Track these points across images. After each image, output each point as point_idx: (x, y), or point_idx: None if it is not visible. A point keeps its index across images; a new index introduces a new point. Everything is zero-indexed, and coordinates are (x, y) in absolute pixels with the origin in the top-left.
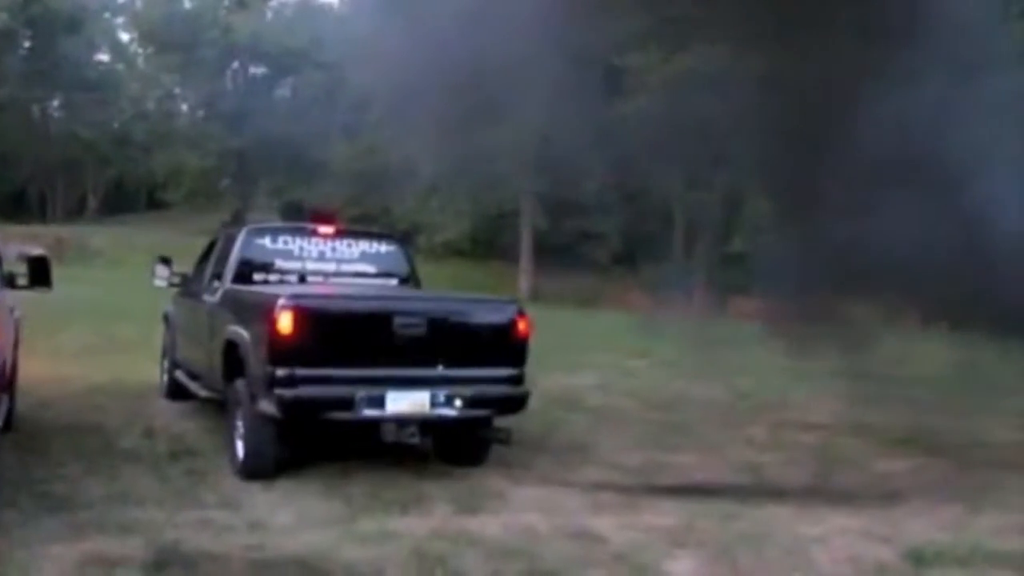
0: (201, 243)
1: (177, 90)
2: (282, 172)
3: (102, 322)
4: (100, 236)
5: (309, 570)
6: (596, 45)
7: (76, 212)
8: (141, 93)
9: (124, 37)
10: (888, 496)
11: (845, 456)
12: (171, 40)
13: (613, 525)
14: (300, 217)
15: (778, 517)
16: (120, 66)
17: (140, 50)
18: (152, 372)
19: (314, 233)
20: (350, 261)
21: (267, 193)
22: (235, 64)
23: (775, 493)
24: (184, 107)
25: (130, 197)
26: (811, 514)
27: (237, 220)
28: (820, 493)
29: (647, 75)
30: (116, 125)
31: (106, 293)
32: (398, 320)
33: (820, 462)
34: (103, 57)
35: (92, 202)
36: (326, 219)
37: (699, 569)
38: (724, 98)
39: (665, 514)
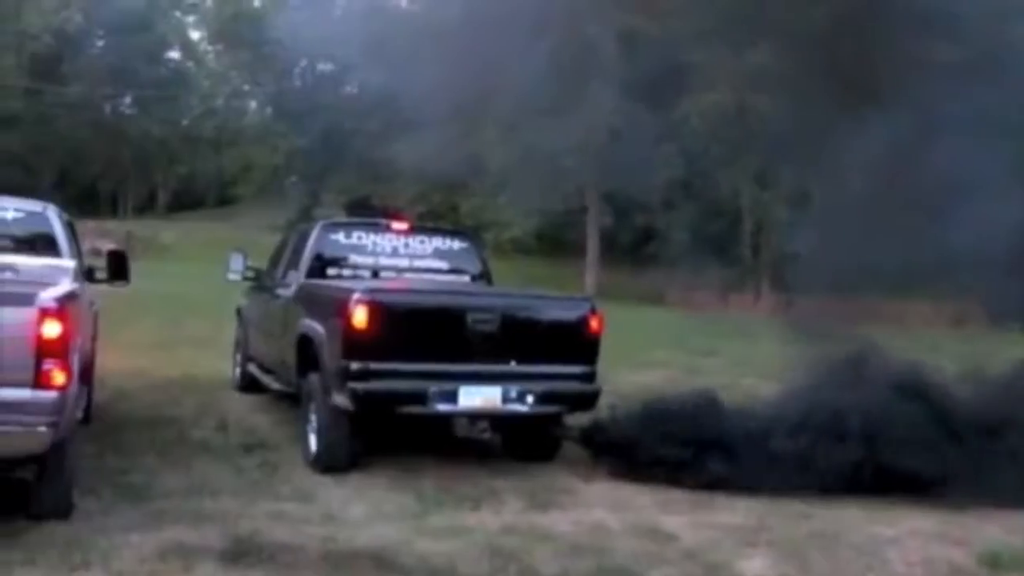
0: (269, 239)
1: (246, 87)
2: (349, 169)
3: (173, 316)
4: (169, 231)
5: (383, 563)
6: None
7: (147, 207)
8: (210, 91)
9: (194, 35)
10: (961, 499)
11: None
12: (240, 38)
13: (684, 523)
14: (367, 214)
15: (850, 517)
16: (190, 64)
17: (209, 48)
18: (223, 366)
19: (388, 229)
20: (423, 257)
21: (334, 190)
22: (303, 62)
23: (847, 493)
24: (253, 104)
25: (199, 193)
26: (884, 515)
27: (304, 217)
28: (892, 493)
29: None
30: (186, 122)
31: (176, 287)
32: (471, 316)
33: None
34: (173, 55)
35: (162, 198)
36: (399, 217)
37: (771, 568)
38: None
39: (736, 513)
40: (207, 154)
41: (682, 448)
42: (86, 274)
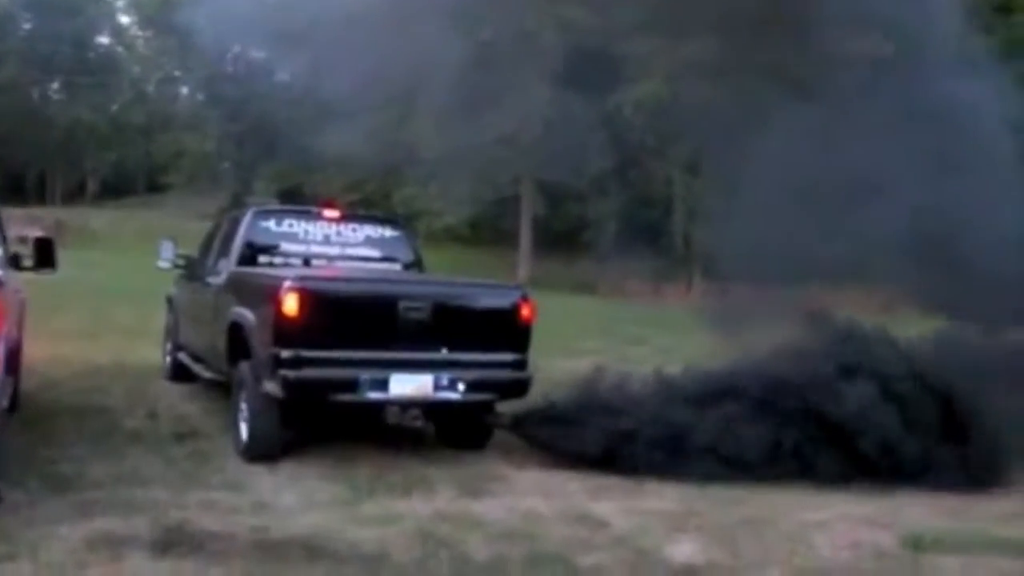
0: (199, 227)
1: (177, 73)
2: (281, 157)
3: (102, 304)
4: (99, 219)
5: (314, 550)
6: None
7: (76, 195)
8: (140, 76)
9: (124, 20)
10: (891, 482)
11: None
12: (169, 24)
13: (614, 509)
14: (300, 202)
15: (779, 503)
16: (120, 49)
17: (140, 33)
18: (153, 354)
19: (319, 216)
20: (354, 245)
21: (266, 178)
22: (235, 48)
23: (777, 479)
24: (184, 91)
25: (129, 180)
26: (812, 500)
27: (236, 204)
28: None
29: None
30: (115, 108)
31: (105, 275)
32: (403, 304)
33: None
34: (103, 40)
35: (91, 185)
36: (331, 205)
37: (700, 552)
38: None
39: (666, 499)
40: (137, 141)
41: (610, 436)
42: (11, 261)
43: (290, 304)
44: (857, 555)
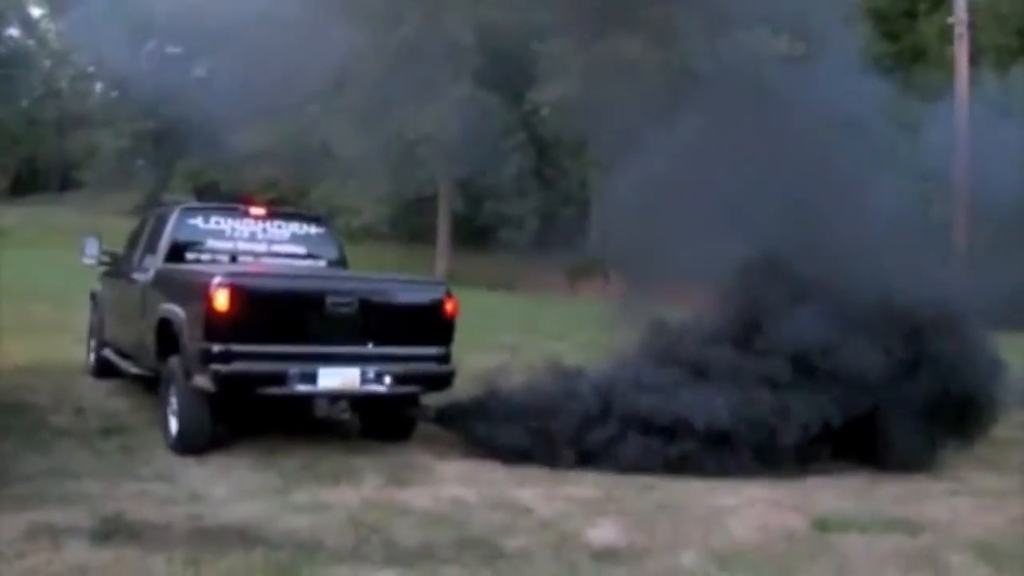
0: (115, 223)
1: (91, 69)
2: (198, 154)
3: (18, 302)
4: (10, 216)
5: (249, 537)
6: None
7: None
8: (53, 71)
9: (35, 12)
10: (802, 469)
11: None
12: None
13: (537, 496)
14: (217, 199)
15: (693, 489)
16: (31, 42)
17: (52, 27)
18: (76, 351)
19: (246, 214)
20: (280, 242)
21: (182, 175)
22: (151, 44)
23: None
24: (98, 87)
25: (42, 177)
26: (725, 486)
27: (152, 202)
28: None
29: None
30: (26, 103)
31: (20, 272)
32: (330, 300)
33: None
34: (13, 32)
35: (2, 181)
36: (252, 202)
37: (620, 536)
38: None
39: (586, 486)
40: (50, 137)
41: (527, 430)
42: None
43: (221, 300)
44: (767, 536)
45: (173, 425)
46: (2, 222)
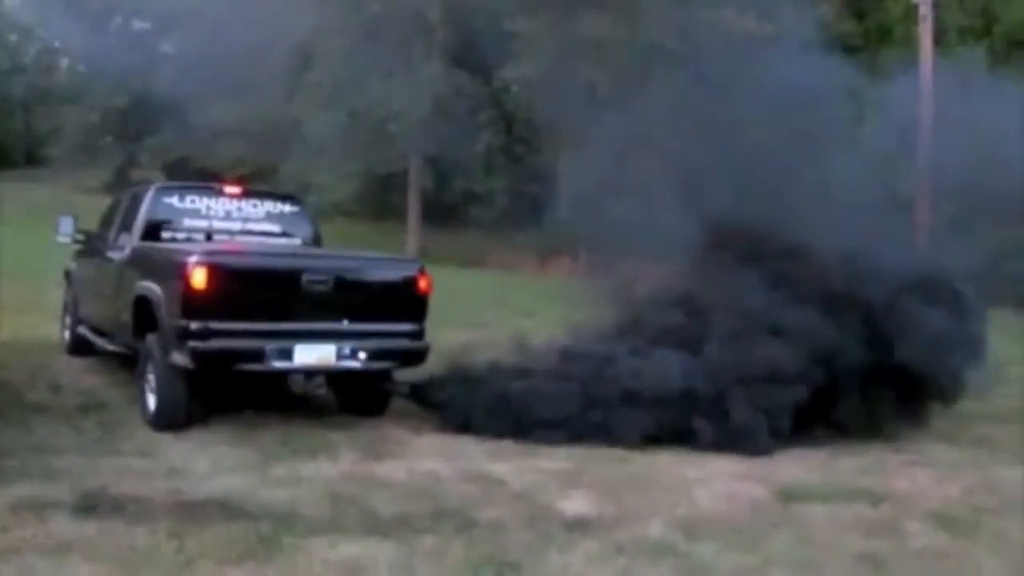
0: (83, 200)
1: (57, 44)
2: (167, 130)
3: None
4: None
5: (230, 510)
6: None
7: None
8: (18, 46)
9: None
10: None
11: None
12: None
13: (511, 469)
14: (186, 176)
15: (663, 462)
16: None
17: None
18: (51, 329)
19: (221, 193)
20: (255, 221)
21: (151, 151)
22: (117, 19)
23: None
24: (65, 62)
25: (6, 153)
26: (693, 459)
27: (120, 178)
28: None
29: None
30: None
31: None
32: (306, 277)
33: None
34: None
35: None
36: (224, 179)
37: (591, 506)
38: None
39: (558, 459)
40: (15, 112)
41: (498, 405)
42: None
43: (198, 278)
44: (733, 506)
45: (151, 402)
46: None
